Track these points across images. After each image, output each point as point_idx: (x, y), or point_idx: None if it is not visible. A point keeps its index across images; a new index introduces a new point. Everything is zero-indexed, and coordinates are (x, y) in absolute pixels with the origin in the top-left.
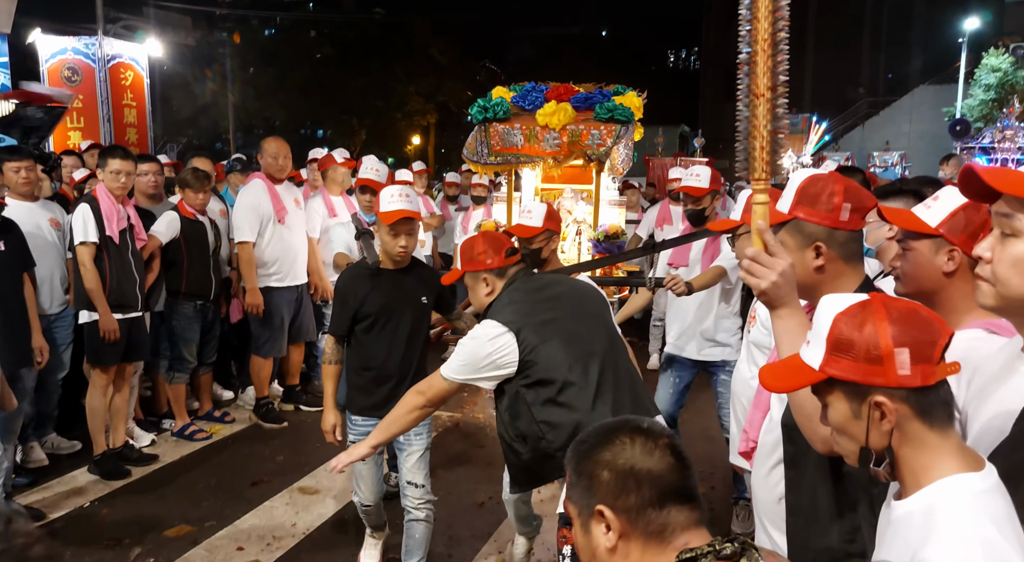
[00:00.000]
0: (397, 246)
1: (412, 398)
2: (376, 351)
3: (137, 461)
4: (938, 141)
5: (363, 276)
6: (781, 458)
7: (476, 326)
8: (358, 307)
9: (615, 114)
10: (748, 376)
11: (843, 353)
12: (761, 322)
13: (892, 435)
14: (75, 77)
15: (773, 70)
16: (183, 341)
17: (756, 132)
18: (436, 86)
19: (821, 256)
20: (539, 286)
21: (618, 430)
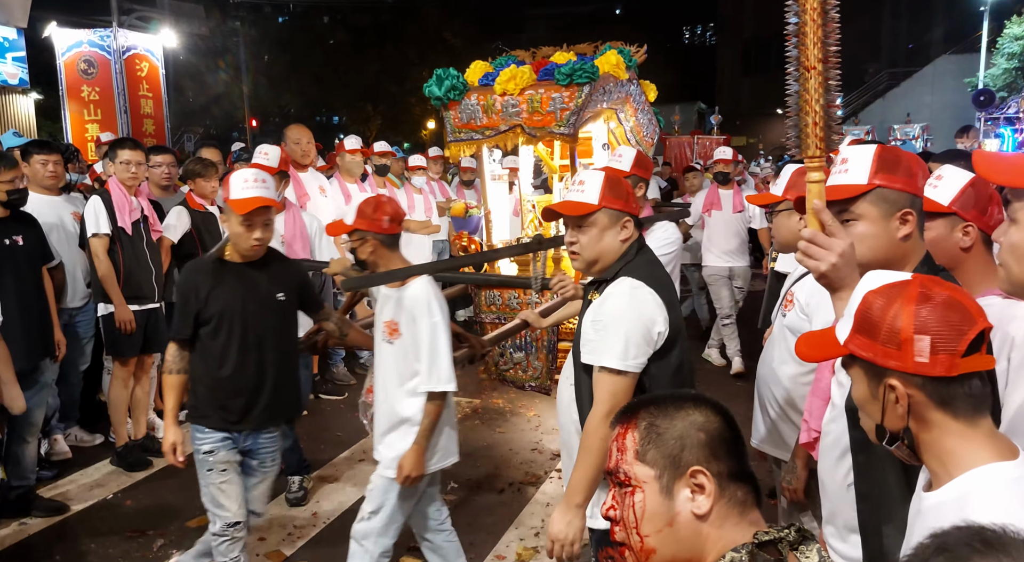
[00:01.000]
0: (251, 239)
1: (598, 427)
2: (224, 358)
3: (159, 453)
4: (961, 112)
5: (205, 271)
6: (848, 447)
7: (619, 284)
8: (200, 307)
9: (574, 78)
10: (775, 359)
11: (865, 332)
12: (801, 306)
13: (908, 419)
14: (91, 70)
15: (824, 41)
16: None
17: (808, 107)
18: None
19: (908, 224)
20: None
21: (694, 398)
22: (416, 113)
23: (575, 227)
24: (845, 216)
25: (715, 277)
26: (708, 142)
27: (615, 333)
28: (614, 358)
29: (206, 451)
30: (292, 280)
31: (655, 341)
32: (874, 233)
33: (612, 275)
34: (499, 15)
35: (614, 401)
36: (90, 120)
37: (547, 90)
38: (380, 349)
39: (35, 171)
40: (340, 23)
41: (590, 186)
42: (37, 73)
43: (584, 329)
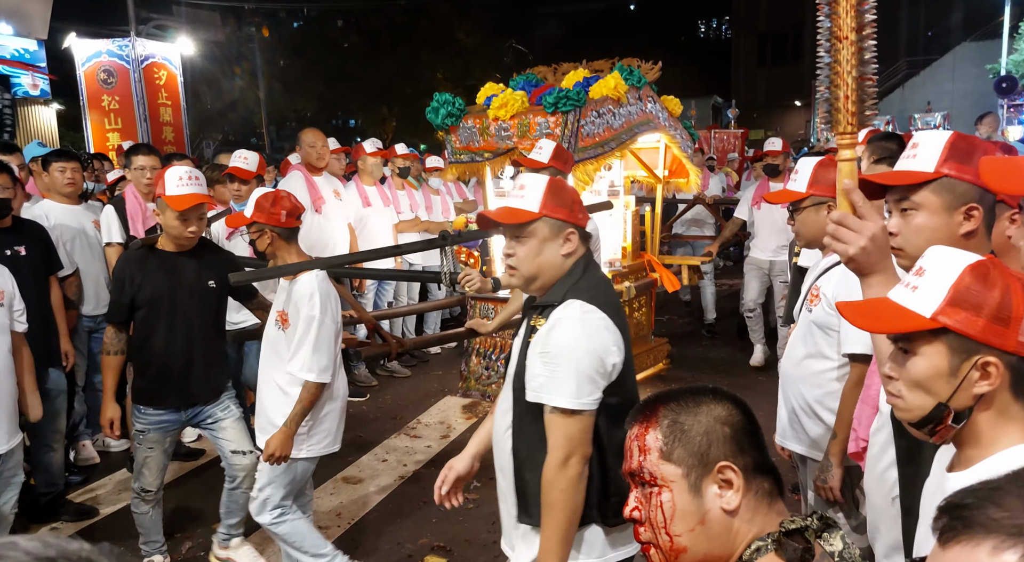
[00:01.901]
0: (186, 232)
1: (557, 476)
2: (156, 340)
3: (185, 456)
4: (983, 99)
5: (137, 259)
6: (894, 458)
7: (567, 308)
8: (135, 293)
9: (558, 106)
10: (803, 354)
11: (965, 306)
12: (828, 301)
13: (978, 400)
14: (111, 79)
15: (858, 8)
16: None
17: (839, 79)
18: (464, 70)
19: (972, 219)
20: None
21: (712, 391)
22: None
23: (512, 237)
24: (905, 205)
25: (753, 268)
26: (725, 136)
27: (566, 368)
28: (567, 397)
29: (139, 429)
30: (224, 268)
31: (610, 373)
32: (933, 226)
33: (559, 298)
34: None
35: (571, 445)
36: (111, 129)
37: (535, 116)
38: (268, 334)
39: (54, 179)
40: (354, 26)
41: (530, 192)
42: (58, 84)
43: (531, 362)
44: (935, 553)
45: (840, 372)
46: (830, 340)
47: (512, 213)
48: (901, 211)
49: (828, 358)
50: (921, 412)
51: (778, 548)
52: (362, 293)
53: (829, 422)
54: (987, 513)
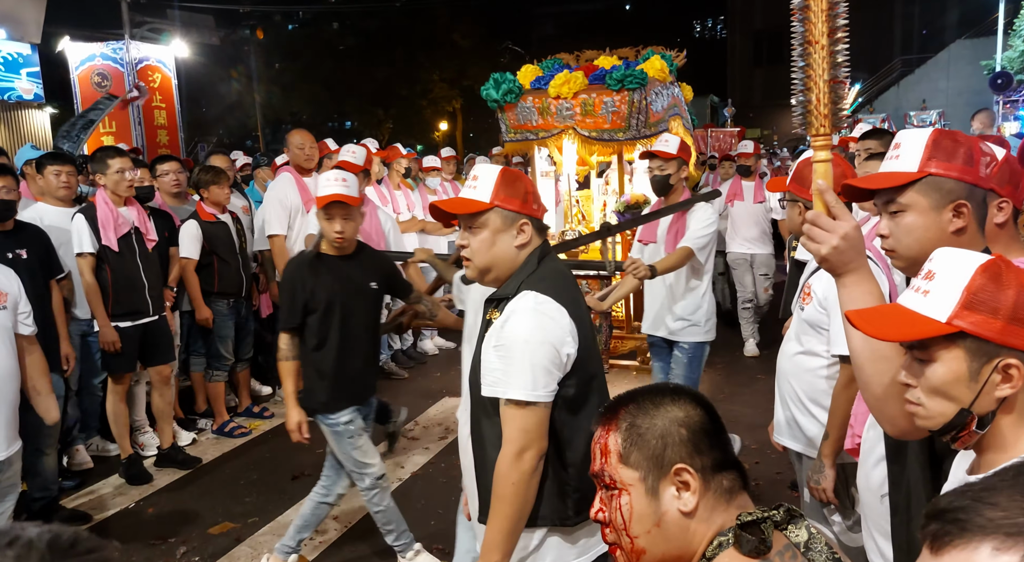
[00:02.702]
0: (332, 231)
1: (510, 470)
2: (331, 344)
3: (183, 463)
4: (977, 97)
5: (307, 265)
6: (883, 454)
7: (521, 299)
8: (307, 298)
9: (625, 83)
10: (796, 350)
11: (982, 309)
12: (819, 300)
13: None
14: (105, 82)
15: (830, 13)
16: (219, 339)
17: (812, 83)
18: (460, 71)
19: (962, 217)
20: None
21: (671, 392)
22: (427, 115)
23: (466, 228)
24: (892, 207)
25: (738, 262)
26: (722, 135)
27: (520, 360)
28: (521, 389)
29: (345, 422)
30: (382, 270)
31: (564, 364)
32: (922, 225)
33: (513, 290)
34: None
35: (526, 438)
36: (105, 132)
37: (599, 94)
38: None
39: (48, 182)
40: (349, 29)
41: (483, 183)
42: (52, 88)
43: (485, 356)
44: (926, 559)
45: (830, 370)
46: (820, 338)
47: (464, 203)
48: (890, 213)
49: (819, 356)
50: (943, 419)
51: (736, 541)
52: None
53: (823, 419)
54: (984, 514)
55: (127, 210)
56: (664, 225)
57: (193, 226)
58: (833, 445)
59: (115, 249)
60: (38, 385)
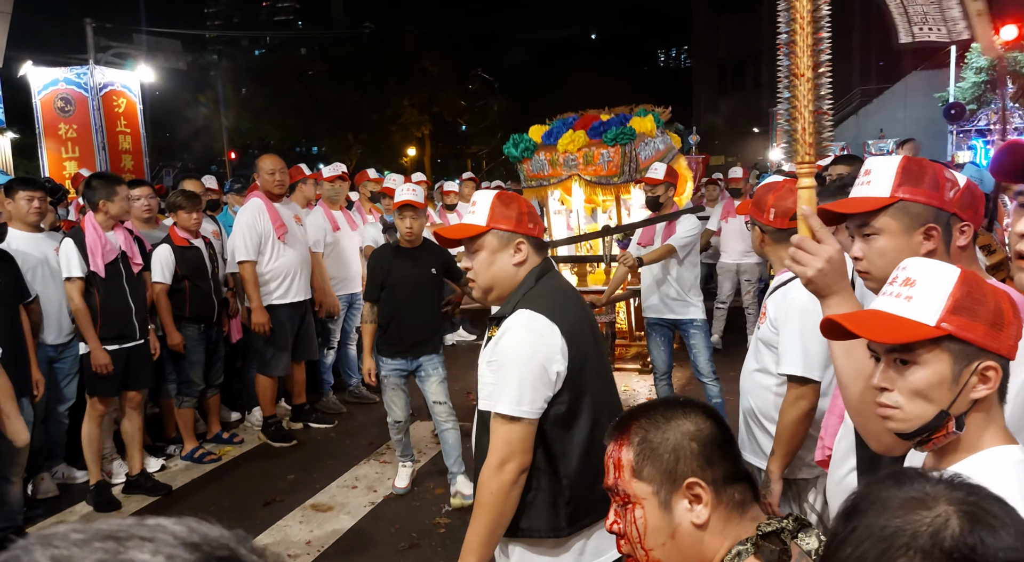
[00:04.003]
0: (404, 227)
1: (490, 479)
2: (397, 310)
3: (152, 490)
4: (932, 126)
5: (386, 253)
6: (854, 465)
7: (516, 317)
8: (384, 277)
9: (618, 139)
10: (754, 367)
11: (966, 313)
12: (771, 320)
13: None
14: (68, 107)
15: (814, 48)
16: (190, 364)
17: (797, 113)
18: (429, 97)
19: (932, 239)
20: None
21: (682, 405)
22: (396, 140)
23: (468, 252)
24: (866, 230)
25: (724, 270)
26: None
27: (509, 375)
28: (507, 404)
29: (384, 375)
30: (441, 259)
31: (553, 382)
32: (895, 247)
33: (510, 308)
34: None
35: (508, 450)
36: (68, 158)
37: (597, 148)
38: None
39: (19, 207)
40: (318, 54)
41: (480, 207)
42: (13, 112)
43: (481, 371)
44: None
45: (781, 389)
46: (773, 357)
47: (463, 228)
48: (863, 236)
49: (772, 374)
50: (920, 421)
51: (756, 551)
52: (335, 316)
53: None
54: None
55: (114, 235)
56: (660, 230)
57: (166, 251)
58: (779, 461)
59: (102, 274)
60: (5, 408)
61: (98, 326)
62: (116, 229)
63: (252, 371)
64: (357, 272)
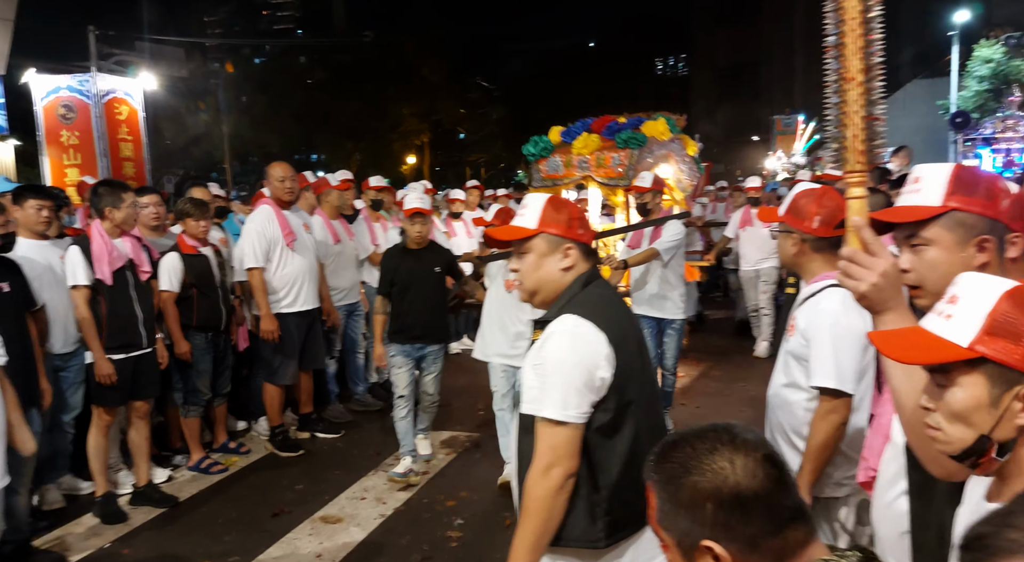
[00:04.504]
0: (414, 231)
1: (536, 484)
2: (405, 303)
3: (159, 502)
4: (933, 134)
5: (396, 254)
6: (905, 489)
7: (561, 322)
8: (392, 275)
9: (628, 144)
10: (782, 382)
11: (1004, 334)
12: (801, 332)
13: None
14: (70, 114)
15: (865, 51)
16: (196, 373)
17: (847, 120)
18: (429, 105)
19: (986, 252)
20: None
21: (713, 449)
22: (396, 148)
23: (516, 253)
24: (915, 241)
25: (747, 278)
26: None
27: (554, 379)
28: (554, 408)
29: (392, 355)
30: (445, 260)
31: (598, 387)
32: (947, 260)
33: (555, 313)
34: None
35: (554, 455)
36: (69, 164)
37: (609, 151)
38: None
39: (28, 216)
40: (319, 62)
41: (531, 210)
42: (14, 119)
43: (524, 375)
44: None
45: (812, 404)
46: (803, 370)
47: (513, 230)
48: (911, 247)
49: (802, 389)
50: (962, 445)
51: None
52: (336, 328)
53: None
54: (1007, 537)
55: (121, 242)
56: (647, 235)
57: (174, 259)
58: (807, 477)
59: (108, 282)
60: (12, 417)
61: (104, 335)
62: (123, 237)
63: (259, 380)
64: (355, 282)
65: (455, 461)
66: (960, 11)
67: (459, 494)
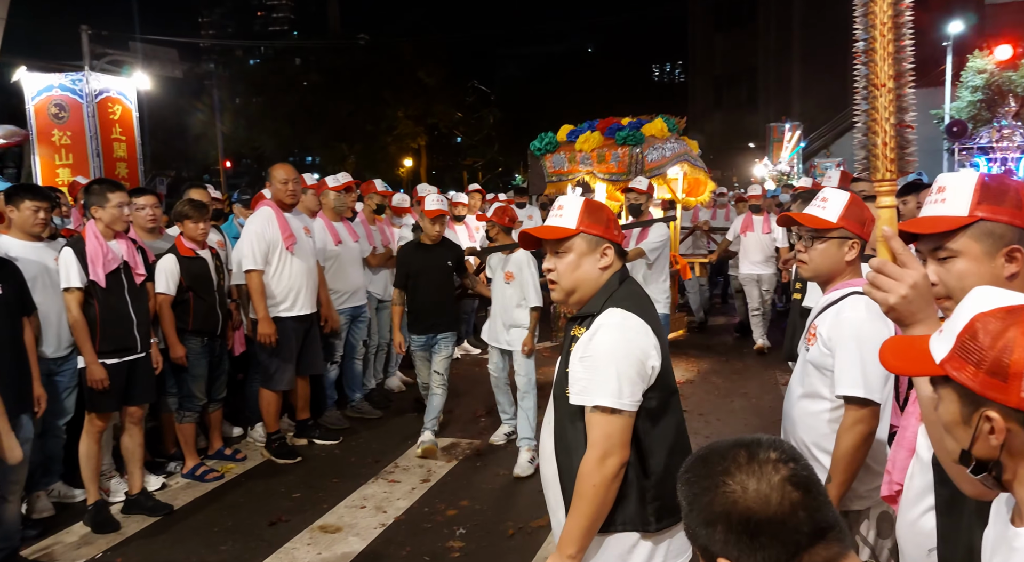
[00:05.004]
0: (434, 230)
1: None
2: (419, 294)
3: (152, 510)
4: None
5: (411, 249)
6: (932, 505)
7: (608, 315)
8: (408, 268)
9: (627, 141)
10: (800, 393)
11: (968, 356)
12: (823, 341)
13: (1002, 450)
14: (62, 113)
15: (896, 56)
16: (192, 378)
17: (877, 126)
18: (425, 109)
19: (1015, 262)
20: None
21: (727, 471)
22: (392, 151)
23: (552, 253)
24: (942, 253)
25: (747, 280)
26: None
27: (606, 369)
28: (608, 396)
29: (412, 349)
30: (454, 254)
31: (649, 376)
32: (975, 271)
33: (599, 308)
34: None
35: (609, 443)
36: (61, 164)
37: (610, 148)
38: (501, 287)
39: (24, 217)
40: (314, 64)
41: (568, 210)
42: (5, 118)
43: (572, 367)
44: None
45: (834, 414)
46: (825, 380)
47: (552, 230)
48: (939, 260)
49: (824, 398)
50: (954, 457)
51: None
52: (338, 332)
53: (827, 464)
54: None
55: (116, 244)
56: (634, 235)
57: (171, 261)
58: (836, 490)
59: (103, 284)
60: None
61: (97, 338)
62: (119, 238)
63: (255, 385)
64: (359, 285)
65: (456, 469)
66: (954, 22)
67: (460, 503)
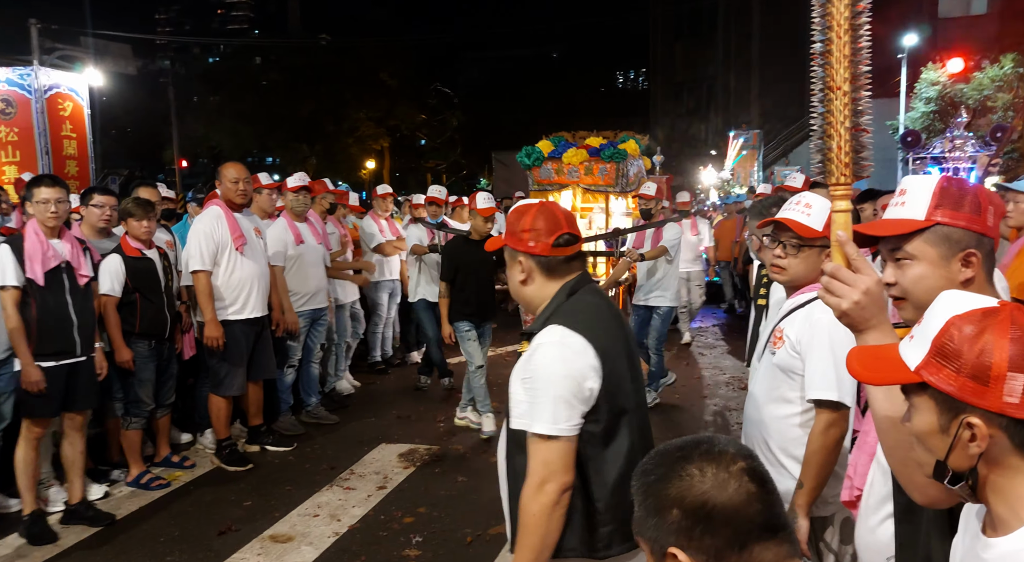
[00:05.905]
0: (485, 227)
1: (531, 501)
2: (467, 285)
3: (94, 520)
4: (882, 152)
5: (459, 243)
6: (891, 512)
7: (548, 333)
8: (458, 262)
9: (613, 157)
10: (766, 398)
11: (946, 361)
12: (792, 344)
13: (979, 459)
14: (9, 109)
15: (852, 59)
16: (139, 382)
17: (832, 130)
18: (387, 110)
19: (971, 266)
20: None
21: (686, 457)
22: (354, 153)
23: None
24: (898, 255)
25: (681, 280)
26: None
27: (544, 393)
28: (544, 423)
29: (465, 330)
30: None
31: (588, 398)
32: (931, 275)
33: (540, 324)
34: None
35: (547, 470)
36: (8, 162)
37: (596, 163)
38: None
39: None
40: (274, 64)
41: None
42: None
43: (513, 388)
44: None
45: (804, 418)
46: (792, 384)
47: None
48: (895, 261)
49: (790, 402)
50: (928, 469)
51: None
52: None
53: (795, 471)
54: None
55: (59, 243)
56: (649, 235)
57: (115, 261)
58: (807, 495)
59: (40, 283)
60: None
61: (33, 339)
62: (63, 236)
63: (205, 390)
64: (321, 286)
65: (413, 475)
66: (908, 35)
67: (418, 510)
